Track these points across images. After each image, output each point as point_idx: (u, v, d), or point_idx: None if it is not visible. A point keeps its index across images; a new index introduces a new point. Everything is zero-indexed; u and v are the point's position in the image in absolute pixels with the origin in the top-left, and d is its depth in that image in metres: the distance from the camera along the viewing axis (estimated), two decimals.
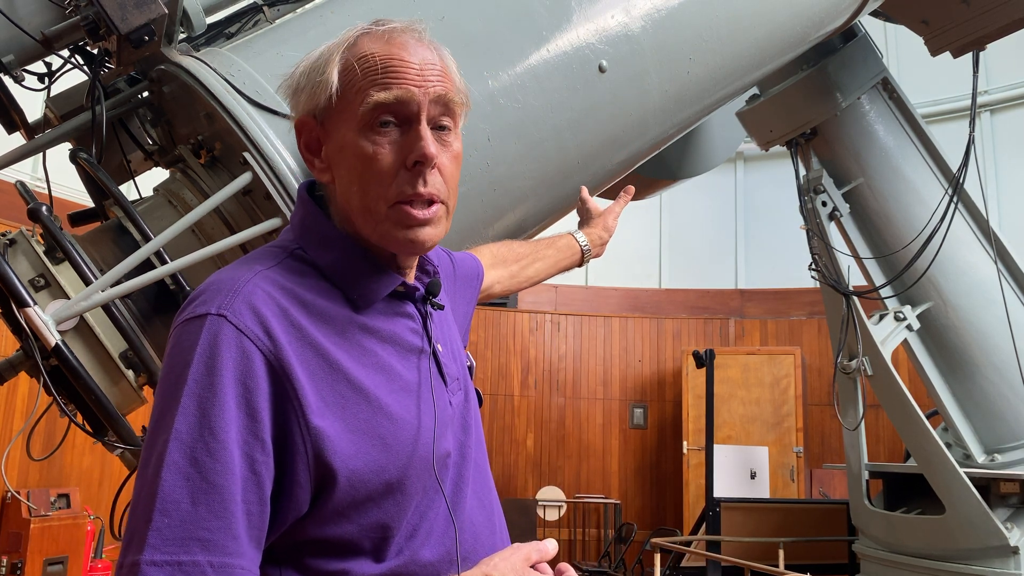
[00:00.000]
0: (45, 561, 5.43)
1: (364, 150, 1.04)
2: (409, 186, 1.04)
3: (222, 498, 0.89)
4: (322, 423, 0.96)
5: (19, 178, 2.04)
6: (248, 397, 0.94)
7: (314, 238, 1.10)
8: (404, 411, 1.04)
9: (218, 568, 0.87)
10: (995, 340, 4.16)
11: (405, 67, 1.05)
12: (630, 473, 9.04)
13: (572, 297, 9.49)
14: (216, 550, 0.88)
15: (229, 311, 0.97)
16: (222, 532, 0.89)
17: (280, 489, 0.95)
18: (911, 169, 4.32)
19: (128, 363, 1.71)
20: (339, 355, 1.01)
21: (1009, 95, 7.91)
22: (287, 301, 1.01)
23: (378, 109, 1.04)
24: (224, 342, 0.95)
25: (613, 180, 2.40)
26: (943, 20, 3.94)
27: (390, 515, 1.01)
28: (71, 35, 1.83)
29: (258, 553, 0.93)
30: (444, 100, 1.06)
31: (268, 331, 0.97)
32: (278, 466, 0.95)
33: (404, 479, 1.02)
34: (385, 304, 1.11)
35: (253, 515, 0.92)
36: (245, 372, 0.94)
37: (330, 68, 1.06)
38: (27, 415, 5.63)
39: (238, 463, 0.91)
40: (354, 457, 0.97)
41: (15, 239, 1.71)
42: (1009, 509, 3.97)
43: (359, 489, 0.98)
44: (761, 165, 9.32)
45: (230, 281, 1.01)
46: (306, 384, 0.97)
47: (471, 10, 2.01)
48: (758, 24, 2.49)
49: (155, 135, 1.99)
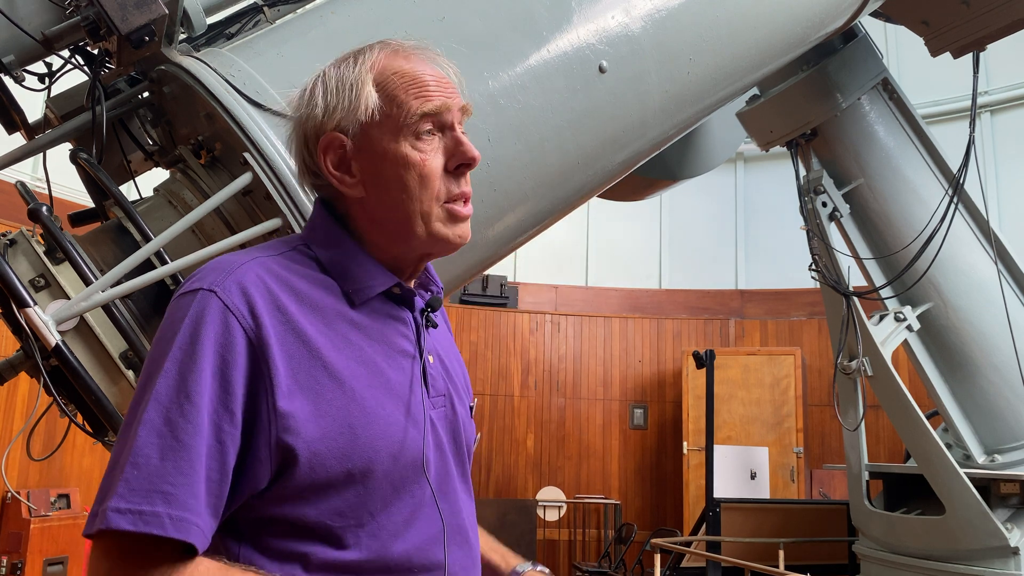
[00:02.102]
0: (45, 561, 5.42)
1: (412, 158, 1.12)
2: (455, 186, 1.15)
3: (189, 457, 0.95)
4: (290, 405, 1.00)
5: (19, 178, 2.04)
6: (224, 369, 0.99)
7: (320, 235, 1.17)
8: (379, 406, 1.07)
9: (176, 521, 0.92)
10: (995, 340, 4.16)
11: (436, 81, 1.15)
12: (630, 473, 9.04)
13: (572, 297, 9.49)
14: (176, 504, 0.93)
15: (220, 288, 1.03)
16: (185, 489, 0.94)
17: (242, 462, 1.00)
18: (911, 170, 4.32)
19: (128, 363, 1.71)
20: (321, 343, 1.05)
21: (1009, 95, 7.91)
22: (278, 287, 1.06)
23: (424, 120, 1.13)
24: (210, 315, 1.01)
25: (613, 180, 2.40)
26: (943, 21, 3.94)
27: (350, 504, 1.03)
28: (71, 35, 1.83)
29: (214, 521, 0.97)
30: (467, 109, 1.18)
31: (253, 311, 1.02)
32: (244, 439, 0.99)
33: (369, 471, 1.04)
34: (381, 305, 1.15)
35: (213, 482, 0.97)
36: (225, 346, 1.00)
37: (365, 85, 1.14)
38: (27, 415, 5.63)
39: (206, 429, 0.96)
40: (318, 440, 1.01)
41: (15, 239, 1.71)
42: (1009, 510, 3.97)
43: (319, 472, 1.01)
44: (761, 165, 9.32)
45: (227, 262, 1.08)
46: (281, 365, 1.01)
47: (471, 10, 2.01)
48: (758, 25, 2.49)
49: (155, 135, 1.99)
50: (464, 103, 1.18)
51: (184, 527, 0.93)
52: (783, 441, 8.01)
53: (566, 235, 9.23)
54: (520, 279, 9.41)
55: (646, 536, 7.73)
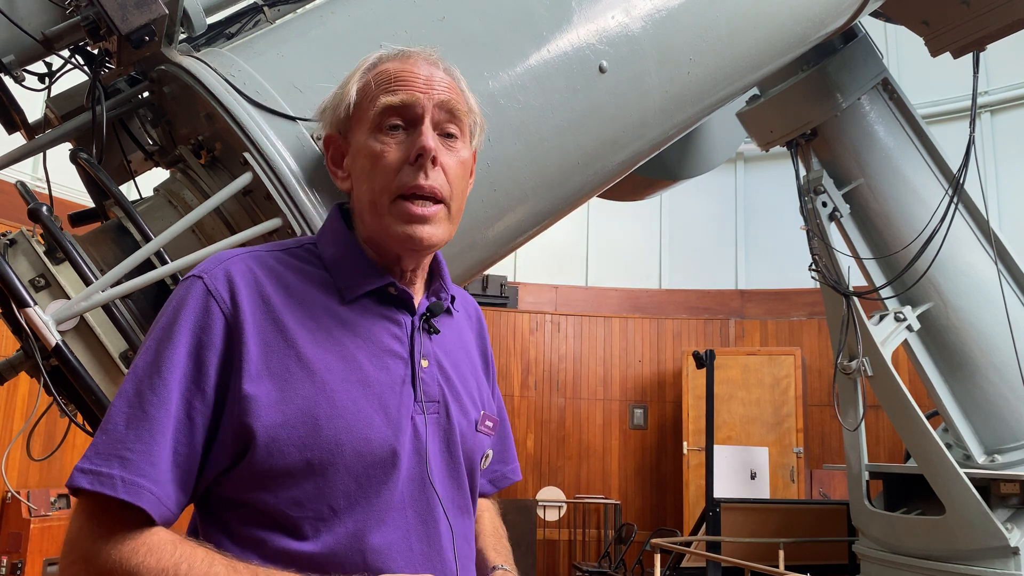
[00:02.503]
0: (45, 561, 5.42)
1: (373, 149, 1.14)
2: (411, 178, 1.12)
3: (150, 427, 1.00)
4: (255, 389, 1.03)
5: (19, 178, 2.04)
6: (199, 350, 1.04)
7: (327, 235, 1.21)
8: (350, 401, 1.07)
9: (128, 484, 0.97)
10: (995, 341, 4.15)
11: (413, 77, 1.16)
12: (630, 473, 9.04)
13: (572, 297, 9.49)
14: (131, 469, 0.98)
15: (207, 274, 1.09)
16: (142, 455, 0.98)
17: (211, 440, 1.04)
18: (911, 170, 4.31)
19: (128, 363, 1.71)
20: (300, 334, 1.08)
21: (1009, 95, 7.91)
22: (267, 278, 1.10)
23: (386, 112, 1.14)
24: (192, 298, 1.07)
25: (613, 180, 2.39)
26: (943, 21, 3.94)
27: (309, 496, 1.04)
28: (71, 35, 1.83)
29: (181, 493, 1.02)
30: (448, 106, 1.15)
31: (234, 297, 1.06)
32: (216, 417, 1.04)
33: (329, 463, 1.04)
34: (375, 305, 1.16)
35: (180, 455, 1.01)
36: (203, 327, 1.05)
37: (351, 85, 1.19)
38: (27, 415, 5.63)
39: (175, 404, 1.01)
40: (279, 426, 1.03)
41: (15, 239, 1.71)
42: (1009, 510, 3.97)
43: (277, 458, 1.03)
44: (761, 165, 9.32)
45: (223, 254, 1.14)
46: (254, 350, 1.05)
47: (471, 10, 2.01)
48: (758, 25, 2.49)
49: (155, 135, 1.99)
50: (451, 101, 1.16)
51: (135, 491, 0.97)
52: (783, 441, 8.00)
53: (566, 235, 9.23)
54: (520, 279, 9.41)
55: (646, 536, 7.73)
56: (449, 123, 1.16)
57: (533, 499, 8.65)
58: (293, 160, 1.69)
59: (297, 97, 1.76)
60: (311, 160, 1.71)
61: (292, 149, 1.70)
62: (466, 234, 1.90)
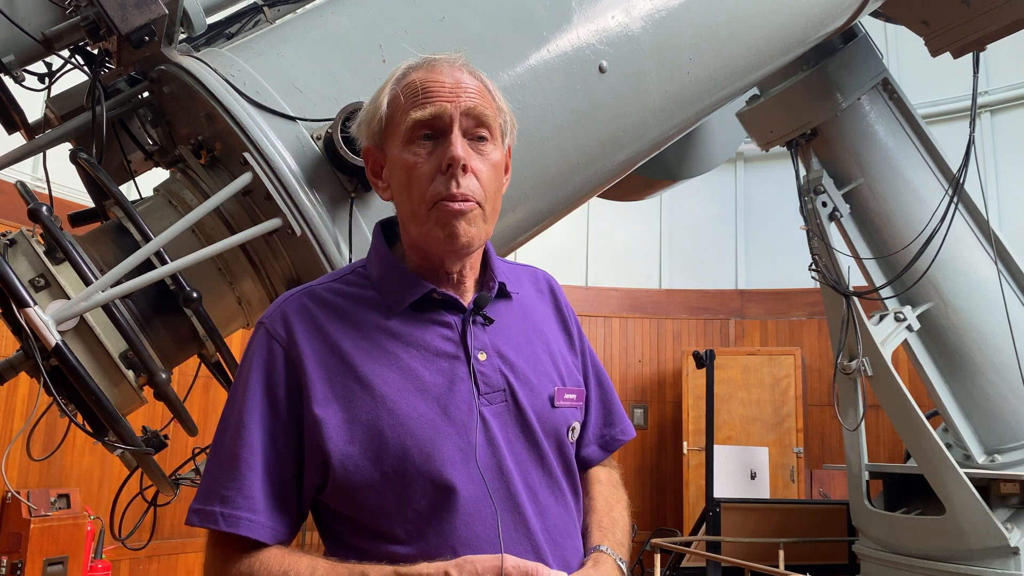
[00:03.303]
0: (45, 561, 5.42)
1: (407, 161, 1.19)
2: (444, 187, 1.17)
3: (238, 466, 1.13)
4: (324, 412, 1.13)
5: (19, 178, 2.04)
6: (271, 388, 1.16)
7: (372, 256, 1.29)
8: (410, 408, 1.13)
9: (227, 518, 1.12)
10: (995, 341, 4.15)
11: (439, 87, 1.19)
12: (630, 473, 9.03)
13: (572, 297, 9.40)
14: (229, 504, 1.12)
15: (267, 319, 1.21)
16: (235, 491, 1.13)
17: (302, 461, 1.15)
18: (911, 169, 4.31)
19: (128, 363, 1.71)
20: (355, 354, 1.16)
21: (1009, 95, 7.91)
22: (319, 309, 1.21)
23: (416, 126, 1.18)
24: (258, 343, 1.20)
25: (613, 180, 2.40)
26: (943, 21, 3.93)
27: (391, 503, 1.12)
28: (71, 35, 1.83)
29: (284, 514, 1.14)
30: (475, 113, 1.19)
31: (291, 333, 1.18)
32: (300, 440, 1.15)
33: (402, 470, 1.11)
34: (423, 313, 1.21)
35: (274, 482, 1.14)
36: (270, 367, 1.17)
37: (382, 98, 1.23)
38: (27, 415, 5.63)
39: (259, 439, 1.14)
40: (349, 444, 1.12)
41: (15, 239, 1.71)
42: (1009, 509, 3.97)
43: (354, 475, 1.12)
44: (761, 165, 9.32)
45: (283, 296, 1.26)
46: (315, 377, 1.15)
47: (471, 10, 2.01)
48: (758, 25, 2.49)
49: (155, 135, 1.99)
50: (478, 107, 1.19)
51: (234, 522, 1.11)
52: (783, 441, 8.00)
53: (566, 235, 9.22)
54: None
55: (646, 536, 7.73)
56: (479, 127, 1.20)
57: None
58: (293, 160, 1.69)
59: (297, 97, 1.76)
60: (311, 160, 1.71)
61: (292, 149, 1.70)
62: None
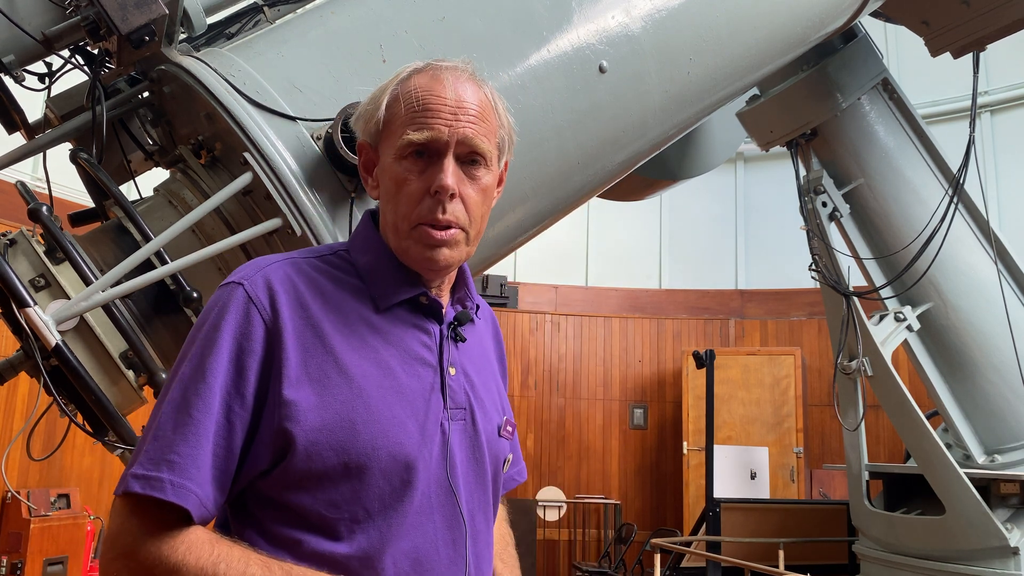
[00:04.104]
0: (45, 561, 5.42)
1: (397, 174, 1.16)
2: (429, 212, 1.14)
3: (196, 431, 1.04)
4: (295, 394, 1.07)
5: (19, 178, 2.04)
6: (240, 355, 1.07)
7: (359, 242, 1.24)
8: (386, 407, 1.10)
9: (176, 487, 1.02)
10: (995, 341, 4.16)
11: (440, 105, 1.15)
12: (630, 474, 9.04)
13: (572, 297, 9.49)
14: (179, 472, 1.02)
15: (247, 281, 1.12)
16: (189, 459, 1.03)
17: (249, 442, 1.08)
18: (911, 170, 4.31)
19: (128, 363, 1.71)
20: (337, 340, 1.11)
21: (1009, 95, 7.91)
22: (305, 285, 1.14)
23: (411, 146, 1.15)
24: (234, 304, 1.10)
25: (613, 180, 2.39)
26: (943, 21, 3.94)
27: (345, 498, 1.07)
28: (71, 35, 1.83)
29: (218, 493, 1.05)
30: (471, 143, 1.16)
31: (274, 304, 1.10)
32: (253, 421, 1.07)
33: (365, 467, 1.07)
34: (407, 314, 1.19)
35: (219, 458, 1.05)
36: (244, 334, 1.08)
37: (382, 99, 1.20)
38: (27, 415, 5.63)
39: (217, 408, 1.05)
40: (317, 430, 1.06)
41: (15, 239, 1.71)
42: (1009, 510, 3.97)
43: (315, 461, 1.06)
44: (761, 165, 9.32)
45: (263, 260, 1.17)
46: (293, 356, 1.08)
47: (471, 10, 2.01)
48: (758, 25, 2.49)
49: (155, 135, 1.99)
50: (474, 138, 1.15)
51: (183, 494, 1.01)
52: (783, 441, 8.00)
53: (566, 235, 9.22)
54: (520, 279, 9.40)
55: (646, 536, 7.73)
56: (473, 153, 1.17)
57: (533, 499, 8.65)
58: (293, 160, 1.69)
59: (297, 97, 1.76)
60: (311, 160, 1.71)
61: (292, 149, 1.70)
62: None
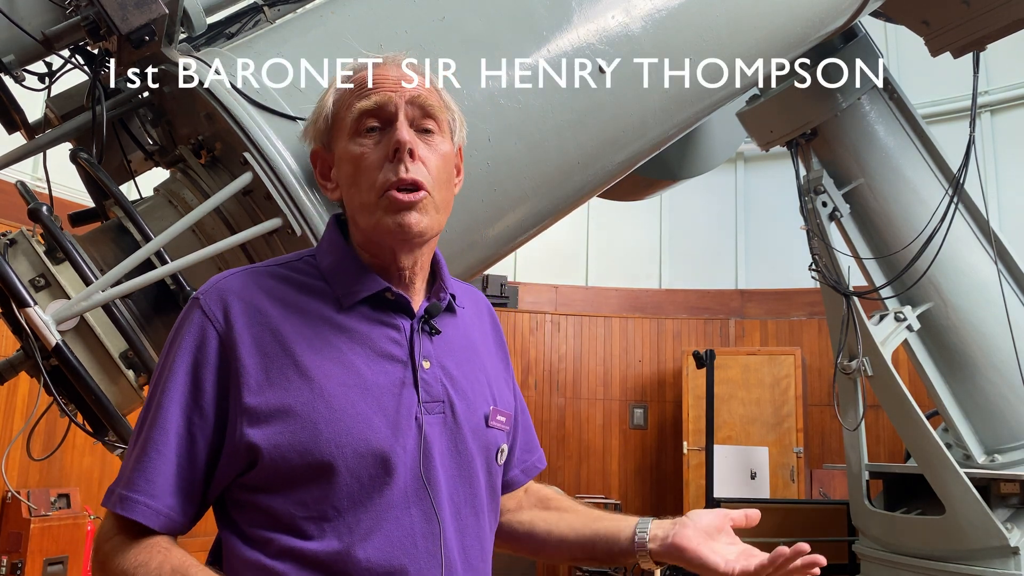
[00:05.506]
0: (45, 561, 5.42)
1: (354, 152, 1.17)
2: (392, 173, 1.15)
3: (145, 449, 1.09)
4: (255, 400, 1.09)
5: (19, 178, 2.04)
6: (196, 369, 1.11)
7: (324, 246, 1.24)
8: (349, 404, 1.10)
9: (123, 499, 1.08)
10: (995, 340, 4.15)
11: (384, 79, 1.19)
12: (630, 473, 9.04)
13: (572, 297, 9.49)
14: (130, 487, 1.08)
15: (203, 295, 1.15)
16: (139, 474, 1.09)
17: (218, 451, 1.11)
18: (911, 169, 4.31)
19: (128, 363, 1.71)
20: (297, 342, 1.12)
21: (1009, 95, 7.90)
22: (262, 292, 1.15)
23: (362, 116, 1.17)
24: (189, 320, 1.14)
25: (613, 180, 2.39)
26: (943, 20, 3.93)
27: (314, 497, 1.08)
28: (71, 35, 1.83)
29: (186, 501, 1.10)
30: (419, 102, 1.18)
31: (227, 314, 1.12)
32: (219, 430, 1.10)
33: (330, 466, 1.08)
34: (372, 311, 1.18)
35: (183, 468, 1.09)
36: (198, 347, 1.11)
37: (328, 98, 1.23)
38: (27, 415, 5.62)
39: (174, 423, 1.09)
40: (280, 434, 1.08)
41: (15, 239, 1.71)
42: (1009, 509, 3.97)
43: (281, 464, 1.08)
44: (761, 165, 9.32)
45: (223, 273, 1.19)
46: (251, 364, 1.10)
47: (471, 10, 2.01)
48: (758, 25, 2.49)
49: (155, 135, 1.99)
50: (422, 96, 1.19)
51: (129, 506, 1.07)
52: (783, 441, 8.00)
53: (566, 235, 9.22)
54: (520, 279, 9.40)
55: None
56: (425, 119, 1.19)
57: None
58: (293, 160, 1.69)
59: (297, 97, 1.76)
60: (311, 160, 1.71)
61: (292, 149, 1.70)
62: (466, 234, 1.90)
